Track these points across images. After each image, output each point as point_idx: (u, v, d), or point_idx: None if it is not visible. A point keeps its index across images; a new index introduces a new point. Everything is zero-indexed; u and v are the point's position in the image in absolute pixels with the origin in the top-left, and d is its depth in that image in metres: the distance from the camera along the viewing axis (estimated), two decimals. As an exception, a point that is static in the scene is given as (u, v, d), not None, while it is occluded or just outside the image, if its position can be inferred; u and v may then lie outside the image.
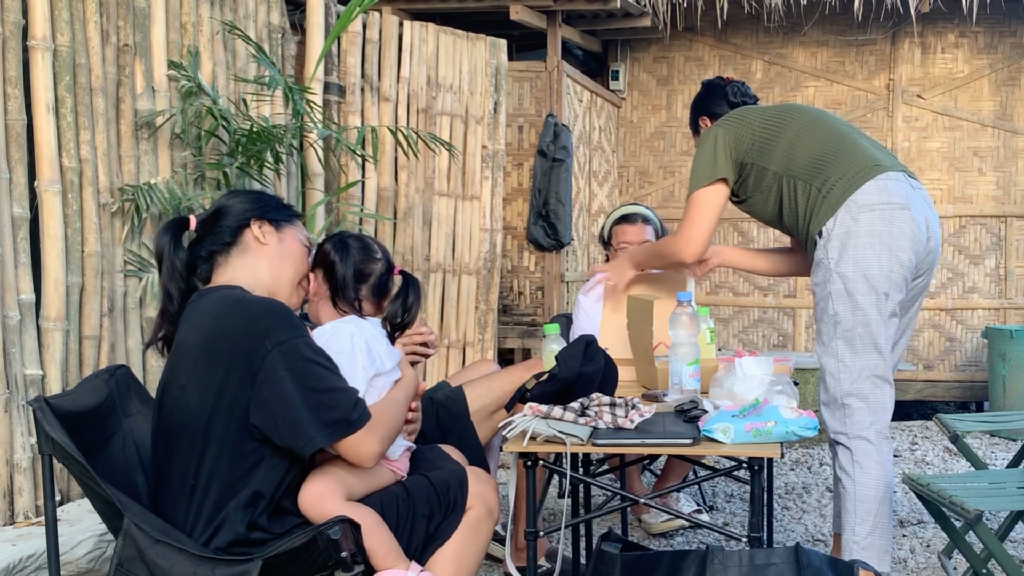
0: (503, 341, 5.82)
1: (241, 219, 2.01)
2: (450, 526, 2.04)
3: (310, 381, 1.82)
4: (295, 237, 2.08)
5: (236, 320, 1.84)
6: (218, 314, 1.87)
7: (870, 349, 2.49)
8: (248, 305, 1.87)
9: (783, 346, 6.96)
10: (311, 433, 1.81)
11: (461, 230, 4.94)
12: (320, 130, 3.85)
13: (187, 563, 1.76)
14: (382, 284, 2.24)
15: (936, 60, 6.71)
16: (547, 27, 5.98)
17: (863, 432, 2.49)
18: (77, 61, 2.92)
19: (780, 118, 2.71)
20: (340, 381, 1.88)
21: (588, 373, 2.20)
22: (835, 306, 2.52)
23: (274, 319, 1.85)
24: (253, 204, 2.05)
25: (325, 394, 1.83)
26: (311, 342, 1.89)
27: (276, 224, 2.04)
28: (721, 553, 2.02)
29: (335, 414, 1.83)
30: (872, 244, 2.48)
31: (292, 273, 2.05)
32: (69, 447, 1.79)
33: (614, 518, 3.62)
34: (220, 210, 2.04)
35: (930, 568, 3.19)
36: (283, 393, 1.80)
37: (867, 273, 2.48)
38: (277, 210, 2.07)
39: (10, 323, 2.67)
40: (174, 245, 1.97)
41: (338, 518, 1.83)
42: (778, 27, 6.73)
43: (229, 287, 1.95)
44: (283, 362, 1.81)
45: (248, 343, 1.81)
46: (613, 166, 7.22)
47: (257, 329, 1.82)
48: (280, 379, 1.81)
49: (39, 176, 2.80)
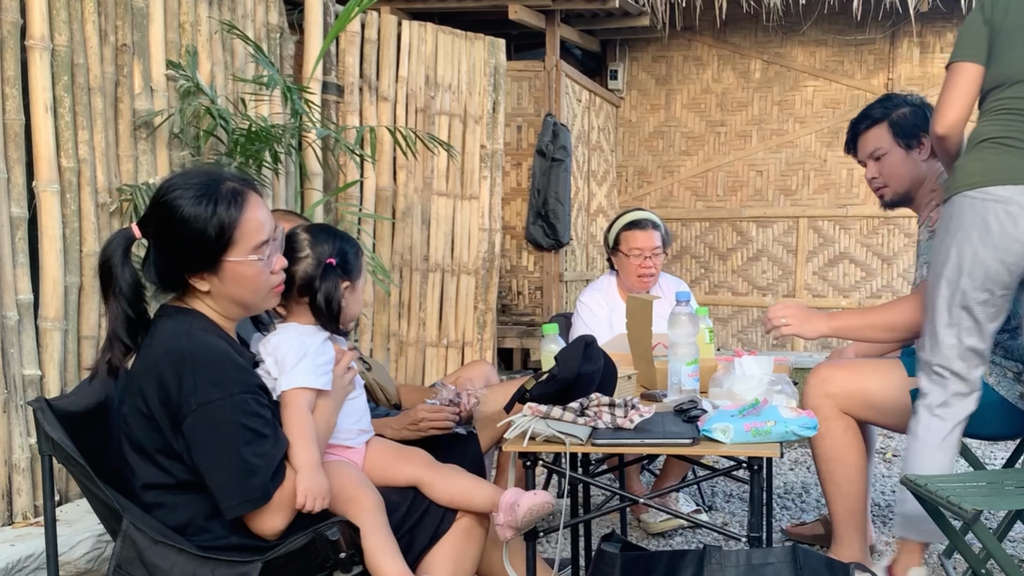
0: (502, 341, 5.83)
1: (175, 276, 1.85)
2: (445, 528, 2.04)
3: (228, 444, 1.74)
4: (236, 268, 1.83)
5: (169, 372, 1.76)
6: (157, 358, 1.79)
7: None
8: (183, 359, 1.76)
9: (782, 346, 6.96)
10: (223, 501, 1.76)
11: (460, 230, 4.94)
12: (319, 130, 3.85)
13: (186, 564, 1.76)
14: (307, 284, 2.00)
15: (935, 59, 6.71)
16: (546, 26, 5.98)
17: None
18: (75, 61, 2.91)
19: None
20: (261, 447, 1.77)
21: (587, 373, 2.19)
22: None
23: (204, 376, 1.75)
24: (181, 254, 1.83)
25: (243, 460, 1.74)
26: (239, 401, 1.76)
27: (212, 269, 1.83)
28: (718, 552, 2.02)
29: (252, 482, 1.75)
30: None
31: (250, 293, 1.88)
32: (69, 448, 1.78)
33: (613, 518, 3.62)
34: (157, 248, 1.84)
35: (930, 568, 3.19)
36: (201, 456, 1.76)
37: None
38: (207, 252, 1.81)
39: (8, 323, 2.67)
40: (122, 266, 1.83)
41: (337, 519, 1.83)
42: (777, 26, 6.73)
43: (187, 318, 1.85)
44: (203, 424, 1.74)
45: (176, 398, 1.75)
46: (612, 166, 7.22)
47: (186, 385, 1.74)
48: (197, 441, 1.75)
49: (37, 176, 2.80)
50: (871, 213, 6.84)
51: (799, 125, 6.97)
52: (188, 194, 1.80)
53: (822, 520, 3.39)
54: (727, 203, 7.10)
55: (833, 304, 6.91)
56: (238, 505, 1.76)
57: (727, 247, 7.11)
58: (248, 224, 1.83)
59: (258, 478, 1.76)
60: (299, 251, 2.01)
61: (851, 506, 2.85)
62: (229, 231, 1.81)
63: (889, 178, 2.97)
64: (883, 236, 6.88)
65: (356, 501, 1.91)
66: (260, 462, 1.76)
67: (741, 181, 7.08)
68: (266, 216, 1.88)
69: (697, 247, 7.17)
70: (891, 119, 2.93)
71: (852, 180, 6.88)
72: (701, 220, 7.15)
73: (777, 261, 7.00)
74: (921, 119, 2.92)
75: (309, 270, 2.00)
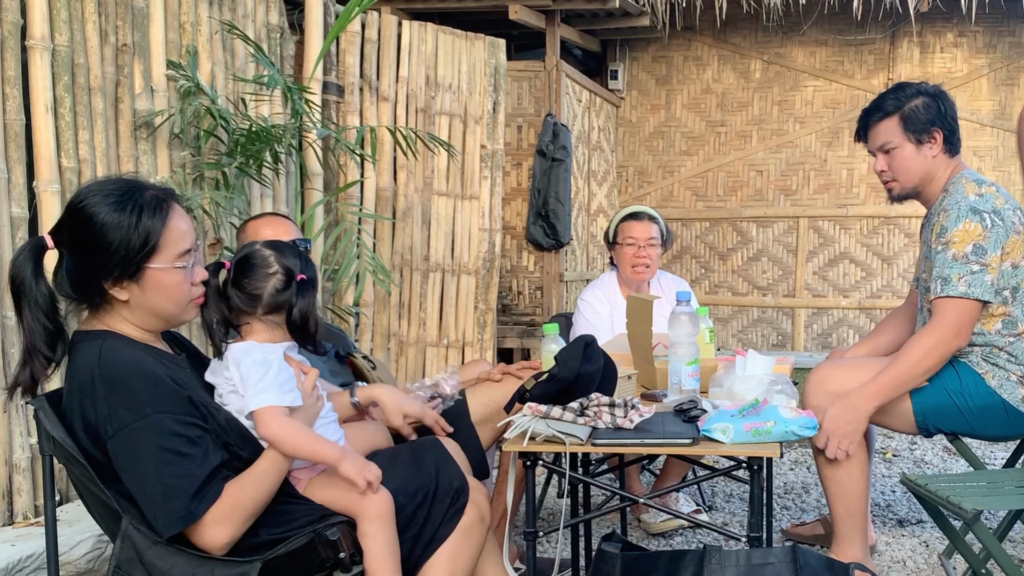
0: (502, 341, 5.83)
1: (92, 286, 1.81)
2: (447, 531, 2.04)
3: (147, 467, 1.71)
4: (159, 276, 1.81)
5: (86, 402, 1.75)
6: (73, 383, 1.79)
7: None
8: (94, 384, 1.75)
9: (782, 346, 6.96)
10: (153, 524, 1.74)
11: (460, 230, 4.94)
12: (319, 130, 3.85)
13: (186, 564, 1.76)
14: (279, 302, 1.96)
15: (935, 59, 6.71)
16: (546, 27, 5.98)
17: None
18: (76, 61, 2.91)
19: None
20: (181, 467, 1.73)
21: (587, 373, 2.19)
22: None
23: (115, 399, 1.73)
24: (101, 262, 1.78)
25: (161, 483, 1.71)
26: (154, 422, 1.72)
27: (133, 276, 1.80)
28: (718, 553, 2.02)
29: (173, 504, 1.71)
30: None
31: (171, 303, 1.85)
32: (70, 447, 1.79)
33: (613, 518, 3.62)
34: (70, 253, 1.81)
35: (930, 568, 3.19)
36: (127, 479, 1.75)
37: None
38: (129, 259, 1.78)
39: (8, 323, 2.67)
40: (35, 277, 1.78)
41: (338, 520, 1.83)
42: (777, 26, 6.74)
43: (96, 342, 1.81)
44: (122, 450, 1.73)
45: (95, 425, 1.75)
46: (612, 166, 7.22)
47: (101, 412, 1.74)
48: (120, 467, 1.75)
49: (38, 176, 2.80)
50: (871, 213, 6.84)
51: (799, 125, 6.97)
52: (108, 200, 1.78)
53: (822, 520, 3.39)
54: (727, 203, 7.11)
55: (833, 304, 6.92)
56: (165, 527, 1.73)
57: (727, 247, 7.11)
58: (172, 232, 1.81)
59: (178, 500, 1.71)
60: (266, 267, 1.96)
61: (853, 506, 2.85)
62: (154, 238, 1.79)
63: (898, 172, 2.96)
64: (883, 236, 6.88)
65: (364, 505, 1.91)
66: (181, 483, 1.72)
67: (741, 181, 7.08)
68: (188, 227, 1.87)
69: (697, 247, 7.17)
70: (903, 112, 2.91)
71: (852, 180, 6.88)
72: (701, 220, 7.16)
73: (777, 261, 7.00)
74: (935, 112, 2.90)
75: (279, 286, 1.96)
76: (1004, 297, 2.80)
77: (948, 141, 2.92)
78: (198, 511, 1.73)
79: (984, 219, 2.75)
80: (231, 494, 1.77)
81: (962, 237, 2.75)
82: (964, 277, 2.73)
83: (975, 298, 2.72)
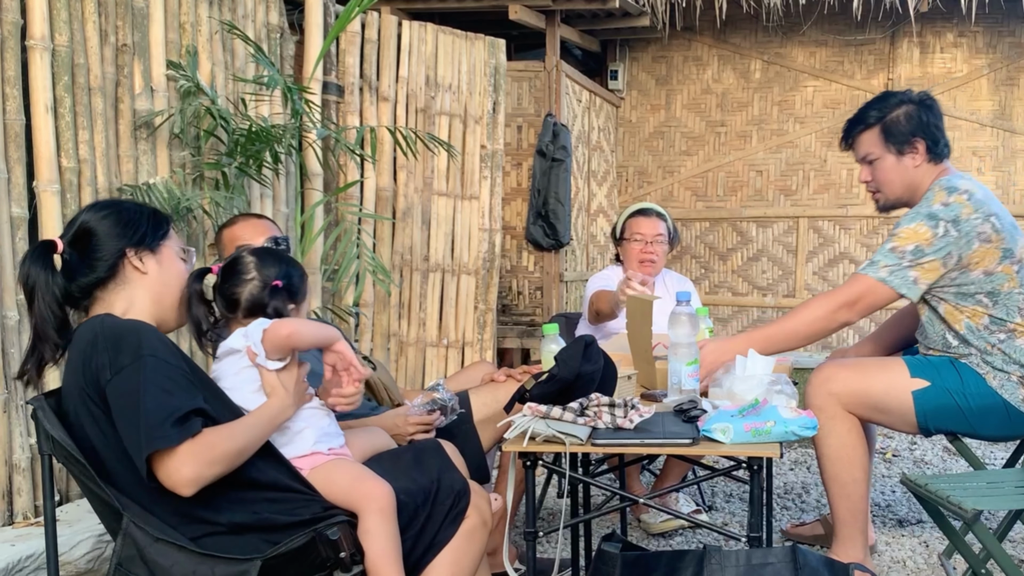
0: (502, 341, 5.82)
1: (116, 252, 1.92)
2: (448, 534, 2.05)
3: (136, 400, 1.74)
4: (172, 256, 2.00)
5: (86, 359, 1.80)
6: (75, 354, 1.84)
7: None
8: (95, 340, 1.80)
9: (782, 346, 6.95)
10: (135, 457, 1.74)
11: (460, 230, 4.94)
12: (319, 130, 3.85)
13: (187, 562, 1.76)
14: (255, 304, 2.06)
15: (935, 60, 6.71)
16: (546, 27, 5.98)
17: None
18: (76, 61, 2.91)
19: None
20: (171, 400, 1.75)
21: (587, 373, 2.20)
22: None
23: (115, 347, 1.78)
24: (125, 230, 1.93)
25: (147, 412, 1.73)
26: (150, 362, 1.77)
27: (153, 248, 1.96)
28: (718, 553, 2.02)
29: (155, 430, 1.72)
30: None
31: (174, 289, 1.98)
32: (70, 446, 1.79)
33: (613, 518, 3.62)
34: (89, 235, 1.92)
35: (930, 568, 3.19)
36: (117, 419, 1.76)
37: None
38: (151, 232, 1.96)
39: (8, 323, 2.67)
40: (50, 272, 1.87)
41: (338, 520, 1.84)
42: (777, 26, 6.74)
43: (97, 316, 1.89)
44: (117, 390, 1.75)
45: (96, 374, 1.78)
46: (612, 166, 7.22)
47: (101, 363, 1.77)
48: (114, 408, 1.76)
49: (38, 176, 2.80)
50: (871, 213, 6.84)
51: (799, 125, 6.97)
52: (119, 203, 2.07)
53: (822, 520, 3.40)
54: (727, 203, 7.11)
55: (833, 304, 6.91)
56: (146, 447, 1.71)
57: (727, 247, 7.11)
58: (173, 233, 2.05)
59: (160, 427, 1.72)
60: (245, 273, 2.07)
61: (854, 506, 2.85)
62: (166, 224, 2.03)
63: (881, 183, 2.98)
64: (883, 236, 6.87)
65: (366, 497, 1.92)
66: (164, 412, 1.73)
67: (741, 181, 7.08)
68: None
69: (697, 247, 7.17)
70: (884, 124, 2.91)
71: (852, 180, 6.87)
72: (701, 220, 7.16)
73: (777, 261, 7.00)
74: (916, 123, 2.89)
75: (255, 291, 2.06)
76: (980, 301, 2.81)
77: (931, 150, 2.91)
78: (175, 437, 1.73)
79: (938, 227, 2.75)
80: (208, 434, 1.79)
81: (908, 236, 2.78)
82: (890, 266, 2.76)
83: (890, 287, 2.75)
